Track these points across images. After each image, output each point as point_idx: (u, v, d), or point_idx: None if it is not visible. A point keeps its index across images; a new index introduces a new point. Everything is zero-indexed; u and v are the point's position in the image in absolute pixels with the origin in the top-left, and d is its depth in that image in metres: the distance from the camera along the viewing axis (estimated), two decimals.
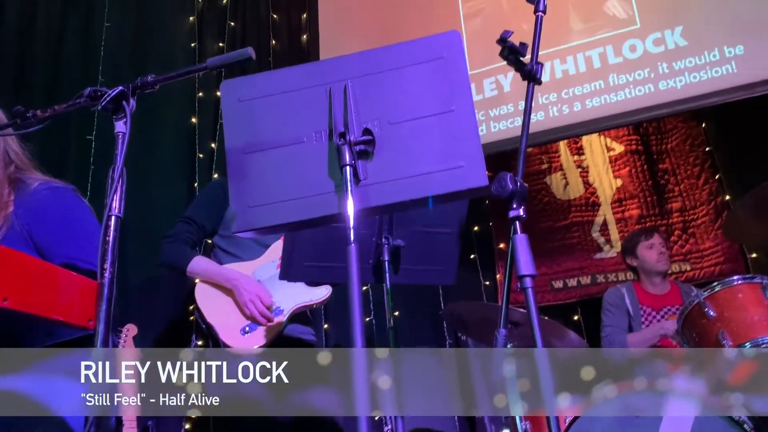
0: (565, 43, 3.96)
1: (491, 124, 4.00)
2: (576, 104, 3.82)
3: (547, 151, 4.73)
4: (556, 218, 4.57)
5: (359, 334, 1.18)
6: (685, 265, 4.14)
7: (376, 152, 1.36)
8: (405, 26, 4.34)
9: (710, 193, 4.22)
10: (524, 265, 1.34)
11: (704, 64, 3.58)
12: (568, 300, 4.35)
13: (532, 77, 1.49)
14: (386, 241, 2.04)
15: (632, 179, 4.46)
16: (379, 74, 1.42)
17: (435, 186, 1.34)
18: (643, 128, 4.53)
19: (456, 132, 1.35)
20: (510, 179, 1.42)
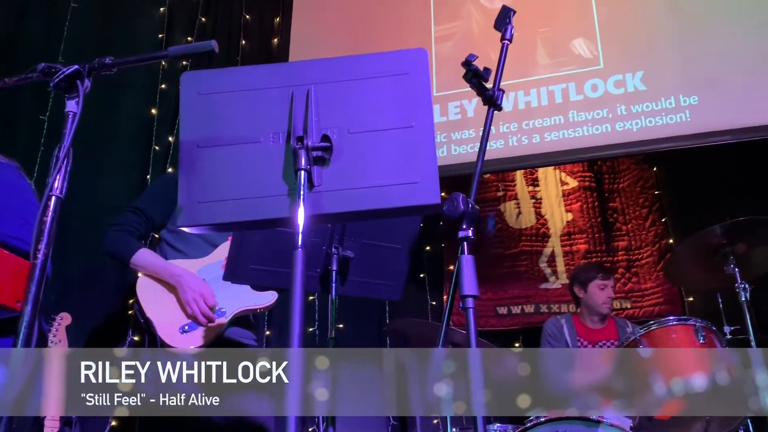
0: (530, 75, 4.06)
1: (452, 147, 4.05)
2: (535, 136, 3.90)
3: (503, 179, 4.81)
4: (506, 246, 4.64)
5: (297, 338, 1.16)
6: (626, 302, 4.26)
7: (333, 159, 1.35)
8: (376, 44, 4.38)
9: (656, 235, 4.36)
10: (468, 285, 1.35)
11: (660, 110, 3.71)
12: (512, 327, 4.41)
13: (493, 103, 1.51)
14: (336, 251, 2.03)
15: (583, 214, 4.57)
16: (344, 82, 1.42)
17: (388, 199, 1.34)
18: (598, 166, 4.66)
19: (414, 148, 1.36)
20: (462, 200, 1.44)
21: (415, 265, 4.41)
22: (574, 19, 4.13)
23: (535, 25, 4.16)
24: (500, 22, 1.60)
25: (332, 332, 2.02)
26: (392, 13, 4.54)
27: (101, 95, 3.53)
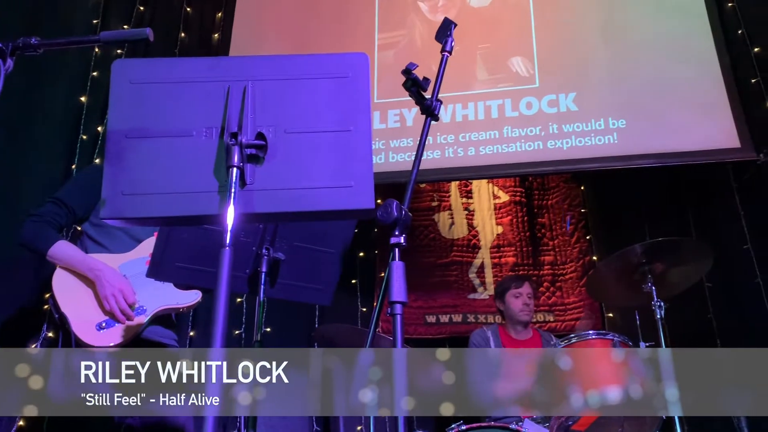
0: (468, 89, 4.14)
1: (390, 155, 4.08)
2: (471, 149, 3.97)
3: (439, 189, 4.87)
4: (438, 255, 4.69)
5: (219, 339, 1.13)
6: (549, 315, 4.38)
7: (267, 158, 1.33)
8: (319, 46, 4.36)
9: (580, 252, 4.51)
10: (396, 291, 1.36)
11: (590, 131, 3.85)
12: (439, 335, 4.46)
13: (430, 113, 1.53)
14: (266, 252, 2.00)
15: (512, 228, 4.69)
16: (283, 81, 1.41)
17: (321, 202, 1.33)
18: (529, 182, 4.79)
19: (350, 152, 1.35)
20: (396, 207, 1.44)
21: (348, 270, 4.40)
22: (513, 37, 4.24)
23: (476, 41, 4.25)
24: (441, 34, 1.62)
25: (258, 335, 1.98)
26: (337, 17, 4.53)
27: (30, 79, 3.36)
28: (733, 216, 3.87)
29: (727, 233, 3.87)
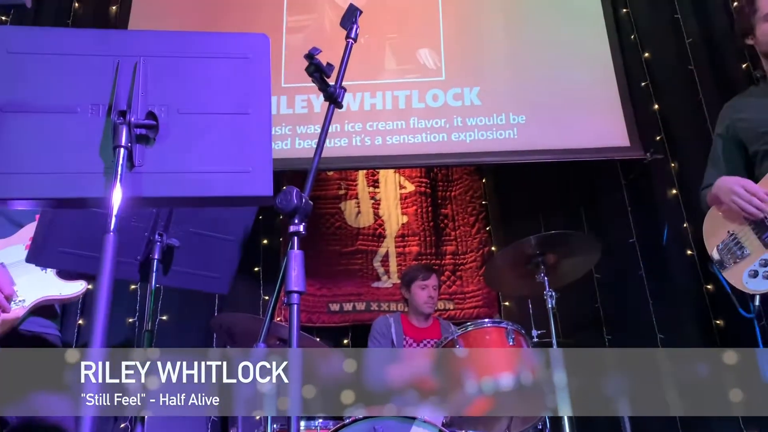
0: (377, 78, 4.14)
1: (297, 141, 4.02)
2: (378, 138, 3.98)
3: (346, 177, 4.86)
4: (343, 243, 4.68)
5: (100, 331, 1.06)
6: (449, 304, 4.49)
7: (159, 139, 1.27)
8: (224, 25, 4.22)
9: (480, 242, 4.65)
10: (294, 280, 1.33)
11: (492, 125, 3.97)
12: (342, 323, 4.46)
13: (334, 100, 1.50)
14: (159, 239, 1.91)
15: (417, 218, 4.75)
16: (178, 59, 1.34)
17: (216, 187, 1.28)
18: (434, 173, 4.87)
19: (248, 136, 1.31)
20: (296, 194, 1.41)
21: (250, 258, 4.31)
22: (421, 29, 4.28)
23: (385, 31, 4.25)
24: (346, 21, 1.59)
25: (149, 324, 1.89)
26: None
27: None
28: (621, 211, 4.12)
29: (615, 227, 4.12)
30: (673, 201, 3.92)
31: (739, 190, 2.07)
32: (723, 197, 2.15)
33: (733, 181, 2.13)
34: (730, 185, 2.12)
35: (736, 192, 2.08)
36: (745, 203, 2.06)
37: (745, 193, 2.06)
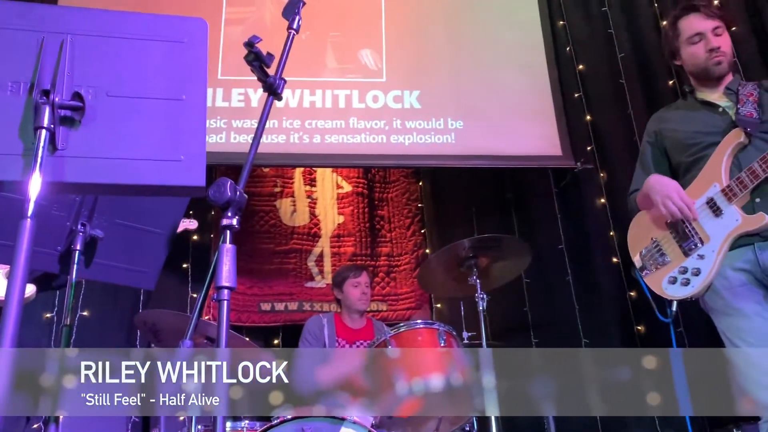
0: (317, 76, 4.11)
1: (233, 135, 3.93)
2: (316, 136, 3.95)
3: (282, 175, 4.79)
4: (278, 242, 4.61)
5: (11, 326, 0.99)
6: (383, 305, 4.49)
7: (85, 122, 1.20)
8: (160, 10, 4.07)
9: (415, 245, 4.67)
10: (225, 276, 1.28)
11: (430, 129, 4.00)
12: (274, 323, 4.39)
13: (273, 91, 1.46)
14: (82, 229, 1.82)
15: (353, 219, 4.74)
16: (108, 39, 1.27)
17: (145, 175, 1.22)
18: (371, 174, 4.87)
19: (181, 123, 1.26)
20: (230, 186, 1.36)
21: (179, 254, 4.18)
22: (364, 30, 4.27)
23: (327, 29, 4.22)
24: (289, 11, 1.56)
25: (68, 319, 1.79)
26: None
27: None
28: (551, 218, 4.23)
29: (545, 233, 4.22)
30: (600, 210, 4.05)
31: (674, 195, 2.15)
32: (654, 195, 2.21)
33: (670, 186, 2.19)
34: (666, 189, 2.18)
35: (671, 196, 2.16)
36: (674, 208, 2.14)
37: (679, 200, 2.14)
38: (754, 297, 2.04)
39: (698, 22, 2.29)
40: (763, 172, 2.02)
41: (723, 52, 2.25)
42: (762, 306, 2.03)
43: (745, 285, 2.05)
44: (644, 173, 2.39)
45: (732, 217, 2.08)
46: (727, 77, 2.30)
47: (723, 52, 2.25)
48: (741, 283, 2.05)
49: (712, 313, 2.14)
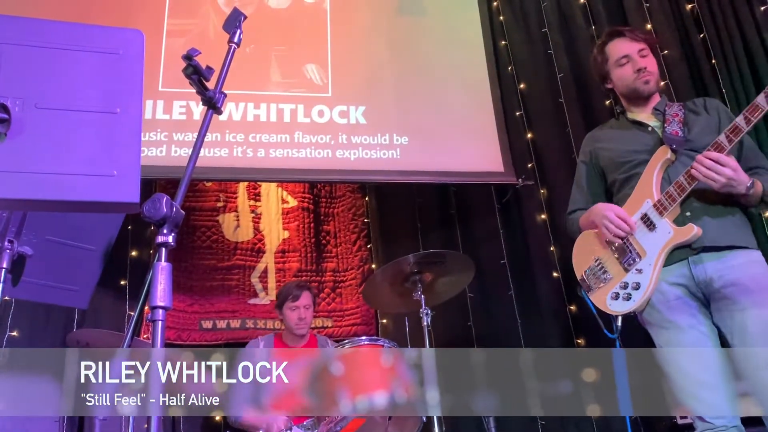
0: (261, 90, 4.07)
1: (173, 148, 3.84)
2: (260, 150, 3.90)
3: (225, 189, 4.70)
4: (220, 258, 4.52)
5: None
6: (328, 321, 4.45)
7: (10, 135, 1.14)
8: (98, 21, 3.96)
9: (361, 260, 4.66)
10: (160, 295, 1.24)
11: (376, 145, 4.01)
12: (215, 341, 4.28)
13: (212, 104, 1.44)
14: (9, 246, 1.72)
15: (299, 234, 4.69)
16: (39, 48, 1.22)
17: (76, 191, 1.17)
18: (317, 189, 4.84)
19: (115, 137, 1.22)
20: (166, 202, 1.32)
21: (116, 270, 4.04)
22: (309, 44, 4.27)
23: (272, 43, 4.20)
24: (230, 25, 1.54)
25: None
26: None
27: None
28: (494, 233, 4.30)
29: (487, 249, 4.29)
30: (541, 225, 4.15)
31: (610, 215, 2.23)
32: (596, 220, 2.30)
33: (606, 207, 2.29)
34: (603, 210, 2.28)
35: (608, 216, 2.24)
36: (614, 227, 2.21)
37: (615, 217, 2.22)
38: (688, 310, 2.11)
39: (624, 46, 2.40)
40: (688, 185, 2.11)
41: (650, 72, 2.36)
42: (696, 319, 2.10)
43: (680, 298, 2.12)
44: (579, 193, 2.48)
45: (664, 230, 2.16)
46: (654, 97, 2.40)
47: (650, 72, 2.36)
48: (676, 296, 2.13)
49: (649, 327, 2.21)
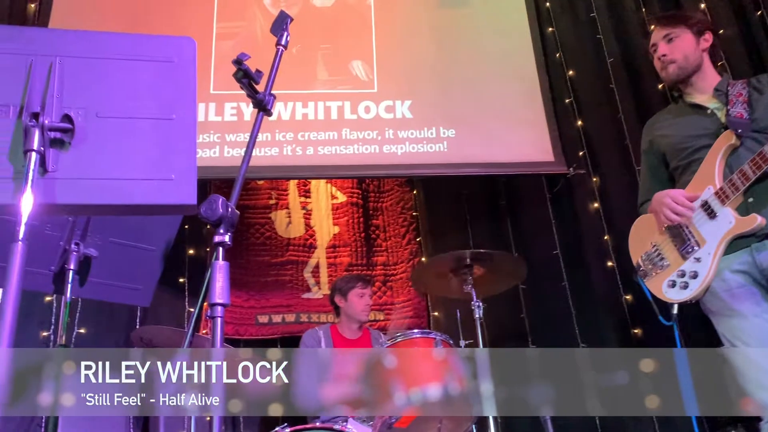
0: (309, 88, 4.12)
1: (226, 149, 3.94)
2: (309, 148, 3.96)
3: (277, 187, 4.80)
4: (273, 254, 4.61)
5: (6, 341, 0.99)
6: (379, 314, 4.49)
7: (75, 144, 1.20)
8: (151, 29, 4.10)
9: (410, 253, 4.68)
10: (218, 292, 1.29)
11: (423, 138, 4.01)
12: (271, 336, 4.38)
13: (263, 107, 1.48)
14: (76, 248, 1.82)
15: (348, 229, 4.74)
16: (98, 60, 1.28)
17: (136, 195, 1.23)
18: (365, 184, 4.88)
19: (172, 142, 1.27)
20: (221, 203, 1.37)
21: (175, 268, 4.17)
22: (354, 41, 4.29)
23: (317, 41, 4.25)
24: (276, 28, 1.57)
25: (63, 338, 1.80)
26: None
27: None
28: (545, 224, 4.24)
29: (539, 239, 4.23)
30: (594, 214, 4.07)
31: (667, 200, 2.20)
32: (657, 207, 2.27)
33: (664, 193, 2.26)
34: (661, 197, 2.25)
35: (664, 202, 2.20)
36: (669, 211, 2.18)
37: (671, 201, 2.18)
38: (752, 298, 2.06)
39: (654, 34, 2.40)
40: (753, 174, 2.03)
41: (670, 59, 2.31)
42: (761, 307, 2.04)
43: (743, 286, 2.07)
44: (644, 184, 2.46)
45: (726, 219, 2.10)
46: (713, 77, 2.33)
47: (670, 59, 2.31)
48: (739, 284, 2.07)
49: (711, 316, 2.16)
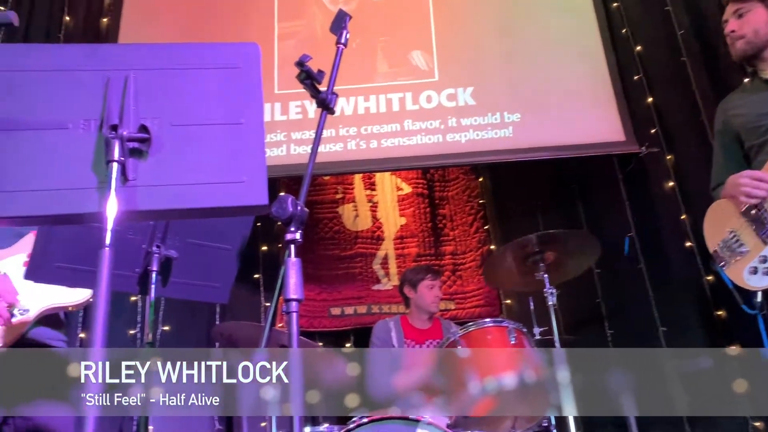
0: (369, 82, 4.15)
1: (292, 147, 4.02)
2: (373, 141, 3.99)
3: (342, 181, 4.86)
4: (342, 247, 4.69)
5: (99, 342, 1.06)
6: (450, 303, 4.48)
7: (152, 152, 1.26)
8: (215, 34, 4.23)
9: (479, 241, 4.65)
10: (292, 288, 1.33)
11: (486, 125, 3.97)
12: (344, 327, 4.46)
13: (326, 106, 1.50)
14: (157, 250, 1.91)
15: (415, 219, 4.75)
16: (168, 71, 1.33)
17: (212, 198, 1.27)
18: (430, 174, 4.87)
19: (242, 145, 1.31)
20: (291, 202, 1.41)
21: (250, 265, 4.31)
22: (413, 31, 4.28)
23: (376, 34, 4.26)
24: (336, 27, 1.60)
25: (149, 335, 1.89)
26: (235, 4, 4.41)
27: None
28: (619, 205, 4.11)
29: (613, 222, 4.11)
30: (670, 193, 3.91)
31: (743, 180, 2.11)
32: (732, 191, 2.20)
33: (738, 174, 2.19)
34: (736, 178, 2.18)
35: (741, 183, 2.12)
36: (749, 188, 2.09)
37: (748, 180, 2.10)
38: None
39: (727, 10, 2.32)
40: None
41: (738, 35, 2.24)
42: None
43: None
44: (718, 166, 2.38)
45: None
46: None
47: (738, 35, 2.24)
48: None
49: None
